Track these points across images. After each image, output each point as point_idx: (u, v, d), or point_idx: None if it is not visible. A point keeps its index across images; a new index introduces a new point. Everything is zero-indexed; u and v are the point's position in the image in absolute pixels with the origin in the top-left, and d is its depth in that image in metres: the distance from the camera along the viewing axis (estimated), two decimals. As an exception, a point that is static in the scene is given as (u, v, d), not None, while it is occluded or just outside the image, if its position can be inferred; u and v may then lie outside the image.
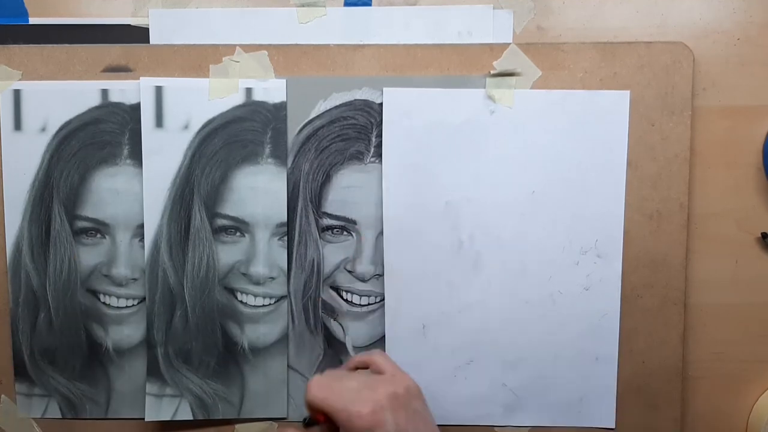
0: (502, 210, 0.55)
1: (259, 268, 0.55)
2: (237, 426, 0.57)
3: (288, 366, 0.56)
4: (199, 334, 0.56)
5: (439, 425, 0.56)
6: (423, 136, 0.54)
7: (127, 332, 0.56)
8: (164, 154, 0.55)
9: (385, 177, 0.54)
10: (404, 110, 0.54)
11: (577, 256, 0.55)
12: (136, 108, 0.55)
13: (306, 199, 0.55)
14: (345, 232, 0.56)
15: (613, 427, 0.56)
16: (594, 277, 0.55)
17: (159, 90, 0.54)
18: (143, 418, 0.56)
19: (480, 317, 0.55)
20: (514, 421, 0.56)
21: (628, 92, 0.54)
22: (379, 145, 0.55)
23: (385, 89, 0.54)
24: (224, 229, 0.55)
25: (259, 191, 0.55)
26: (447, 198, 0.55)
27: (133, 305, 0.56)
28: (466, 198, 0.55)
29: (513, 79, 0.54)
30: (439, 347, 0.56)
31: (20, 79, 0.55)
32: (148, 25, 0.56)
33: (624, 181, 0.54)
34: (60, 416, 0.57)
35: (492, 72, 0.54)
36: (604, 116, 0.54)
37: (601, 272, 0.55)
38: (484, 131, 0.54)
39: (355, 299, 0.56)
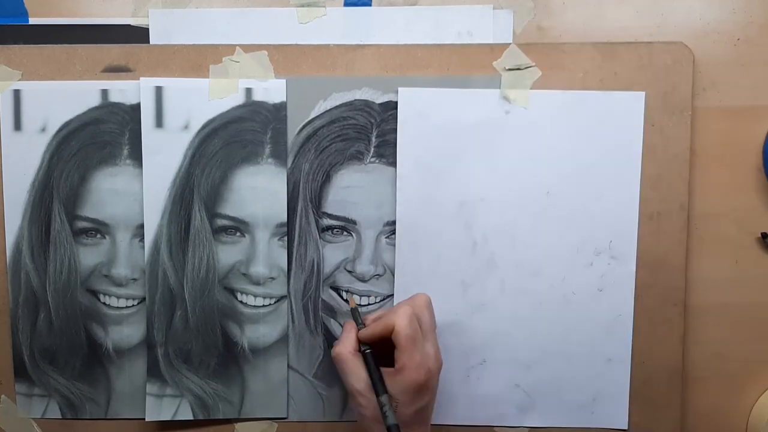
0: (516, 210, 0.55)
1: (259, 268, 0.55)
2: (237, 426, 0.57)
3: (288, 366, 0.56)
4: (199, 334, 0.56)
5: (451, 425, 0.57)
6: (437, 136, 0.54)
7: (127, 332, 0.56)
8: (164, 154, 0.55)
9: (399, 177, 0.54)
10: (418, 110, 0.54)
11: (591, 257, 0.55)
12: (136, 108, 0.55)
13: (306, 199, 0.55)
14: (345, 232, 0.56)
15: (626, 428, 0.56)
16: (608, 279, 0.55)
17: (159, 90, 0.54)
18: (143, 418, 0.56)
19: (493, 318, 0.55)
20: (527, 422, 0.56)
21: (643, 93, 0.54)
22: (379, 146, 0.55)
23: (400, 89, 0.54)
24: (224, 230, 0.55)
25: (259, 191, 0.55)
26: (461, 198, 0.55)
27: (133, 305, 0.56)
28: (480, 198, 0.55)
29: (528, 79, 0.53)
30: (452, 347, 0.56)
31: (20, 79, 0.55)
32: (148, 25, 0.56)
33: (638, 182, 0.54)
34: (60, 416, 0.57)
35: (507, 67, 0.53)
36: (619, 117, 0.54)
37: (615, 273, 0.55)
38: (499, 131, 0.54)
39: (355, 299, 0.56)
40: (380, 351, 0.49)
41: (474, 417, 0.56)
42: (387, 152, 0.55)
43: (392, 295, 0.56)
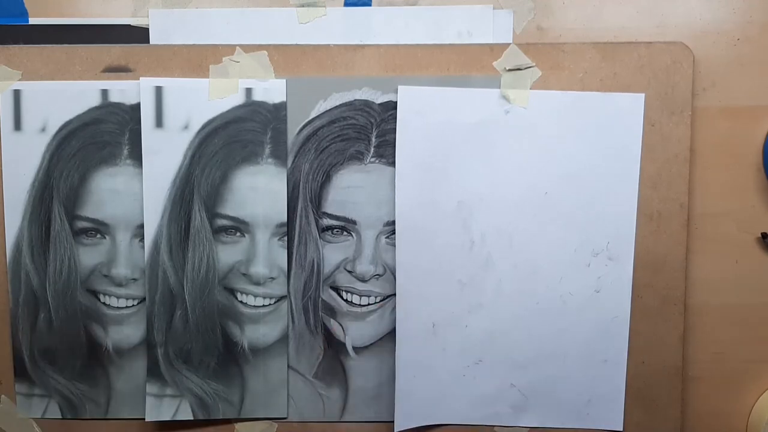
0: (514, 210, 0.55)
1: (259, 268, 0.55)
2: (237, 426, 0.57)
3: (288, 366, 0.57)
4: (199, 335, 0.56)
5: (446, 425, 0.57)
6: (436, 135, 0.54)
7: (127, 332, 0.57)
8: (164, 154, 0.55)
9: (398, 176, 0.54)
10: (418, 109, 0.54)
11: (589, 258, 0.55)
12: (136, 108, 0.55)
13: (306, 199, 0.55)
14: (345, 233, 0.56)
15: (621, 429, 0.56)
16: (605, 280, 0.55)
17: (159, 90, 0.54)
18: (143, 419, 0.56)
19: (490, 317, 0.55)
20: (521, 422, 0.56)
21: (642, 95, 0.54)
22: (379, 146, 0.55)
23: (399, 87, 0.54)
24: (224, 230, 0.55)
25: (259, 191, 0.55)
26: (459, 197, 0.55)
27: (133, 305, 0.56)
28: (479, 198, 0.55)
29: (528, 79, 0.53)
30: (448, 346, 0.56)
31: (20, 79, 0.55)
32: (148, 25, 0.56)
33: (637, 184, 0.54)
34: (60, 416, 0.57)
35: (507, 67, 0.53)
36: (619, 118, 0.54)
37: (612, 275, 0.55)
38: (498, 131, 0.54)
39: (355, 299, 0.56)
40: None
41: (469, 416, 0.56)
42: (387, 152, 0.55)
43: (392, 295, 0.56)
